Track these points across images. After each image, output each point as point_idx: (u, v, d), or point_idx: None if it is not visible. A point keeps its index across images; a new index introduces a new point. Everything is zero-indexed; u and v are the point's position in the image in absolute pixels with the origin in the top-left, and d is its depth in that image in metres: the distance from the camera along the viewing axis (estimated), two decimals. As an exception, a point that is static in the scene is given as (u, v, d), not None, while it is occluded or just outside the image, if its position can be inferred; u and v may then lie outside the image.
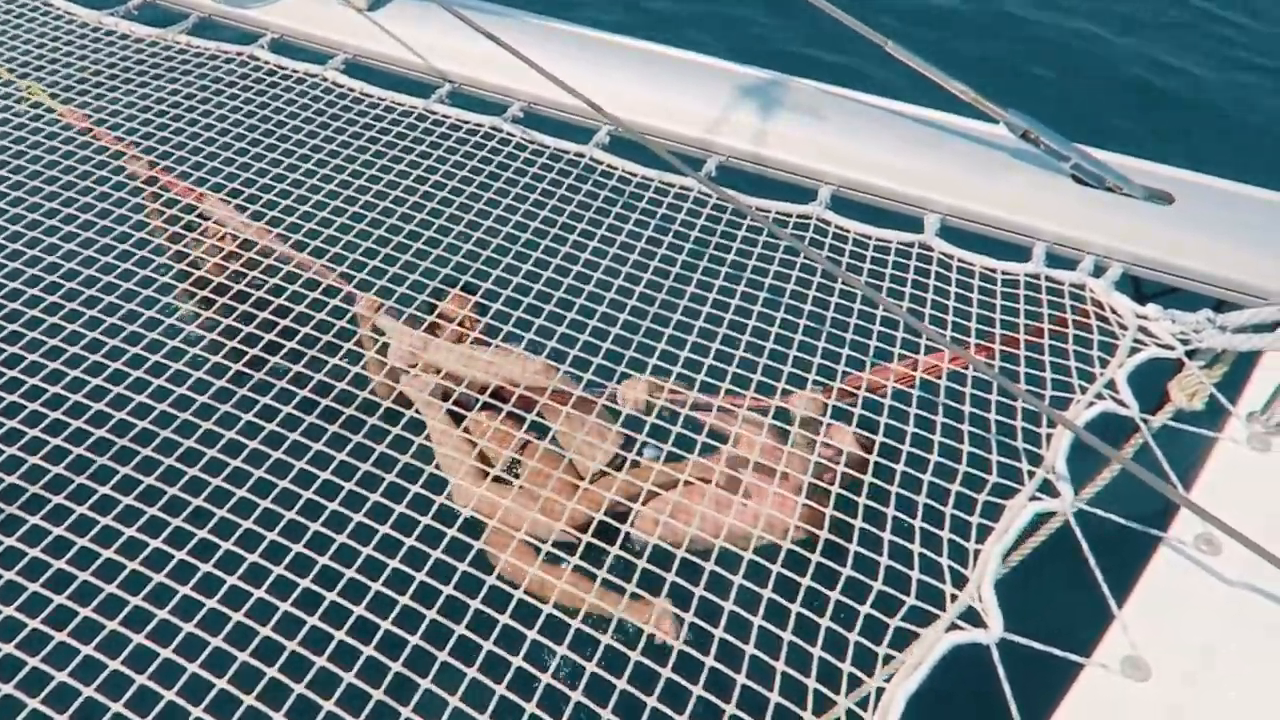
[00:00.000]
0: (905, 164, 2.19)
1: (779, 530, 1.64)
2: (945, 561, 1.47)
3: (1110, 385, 1.73)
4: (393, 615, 1.40)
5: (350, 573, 1.46)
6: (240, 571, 1.46)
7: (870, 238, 2.12)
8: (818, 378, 1.84)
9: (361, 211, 2.15)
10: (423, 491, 1.60)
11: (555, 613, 1.45)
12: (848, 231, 2.13)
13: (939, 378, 1.81)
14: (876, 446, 1.70)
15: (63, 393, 1.73)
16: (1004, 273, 2.02)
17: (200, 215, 2.35)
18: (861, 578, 1.47)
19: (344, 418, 1.75)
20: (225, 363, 1.83)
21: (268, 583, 1.44)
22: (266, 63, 2.60)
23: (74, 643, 1.36)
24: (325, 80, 2.55)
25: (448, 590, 1.45)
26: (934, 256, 2.07)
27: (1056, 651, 1.34)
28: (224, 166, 2.23)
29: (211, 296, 2.03)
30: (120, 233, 2.06)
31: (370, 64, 2.65)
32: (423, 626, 1.40)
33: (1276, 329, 1.87)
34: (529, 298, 1.98)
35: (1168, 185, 2.09)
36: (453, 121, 2.43)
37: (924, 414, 1.72)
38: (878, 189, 2.20)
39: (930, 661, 1.33)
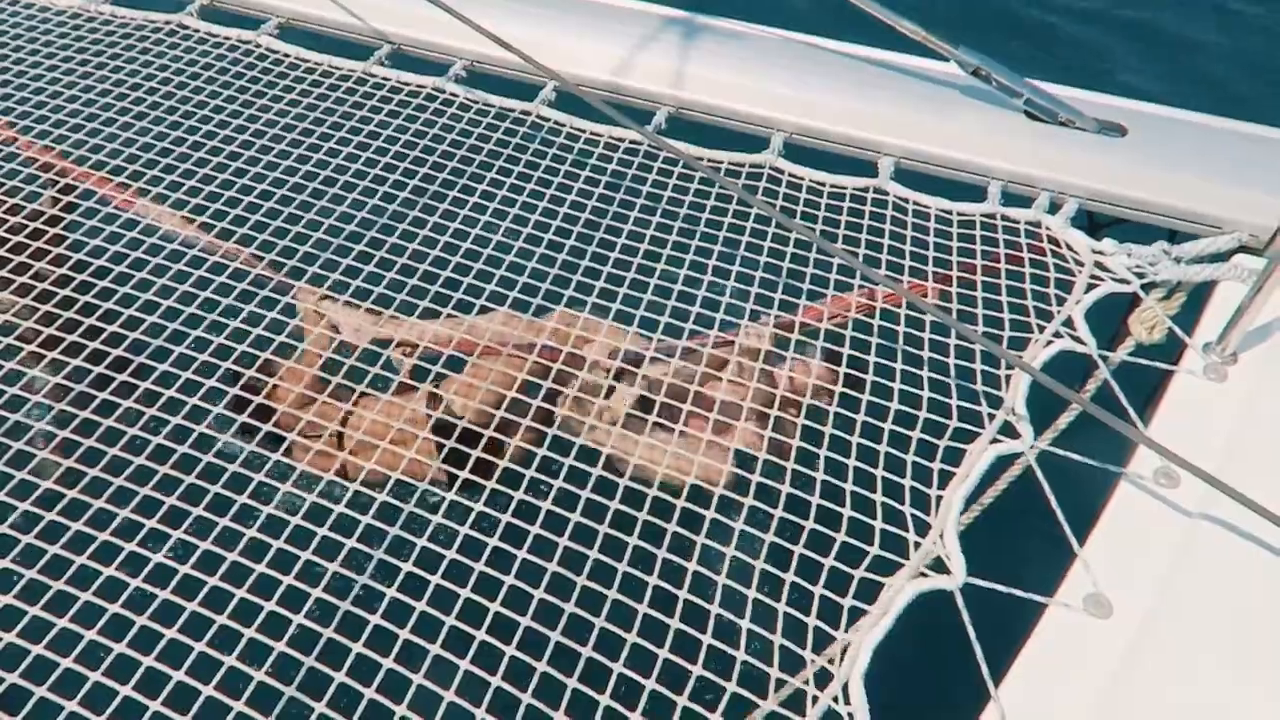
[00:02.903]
0: (856, 107, 2.15)
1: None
2: (907, 509, 1.46)
3: (1068, 323, 1.73)
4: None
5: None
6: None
7: (824, 184, 2.09)
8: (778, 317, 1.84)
9: (302, 182, 2.08)
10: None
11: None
12: (801, 179, 2.10)
13: (897, 309, 1.80)
14: (841, 376, 1.71)
15: None
16: (960, 214, 2.00)
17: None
18: (824, 530, 1.47)
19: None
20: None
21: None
22: (196, 30, 2.51)
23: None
24: (259, 46, 2.46)
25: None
26: (889, 200, 2.04)
27: (1020, 593, 1.35)
28: (155, 142, 2.15)
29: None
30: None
31: (305, 27, 2.56)
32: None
33: (1231, 259, 1.87)
34: (479, 262, 1.94)
35: (1120, 117, 2.07)
36: (393, 84, 2.36)
37: (883, 361, 1.71)
38: (830, 134, 2.17)
39: (895, 611, 1.33)
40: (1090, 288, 1.79)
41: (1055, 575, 1.39)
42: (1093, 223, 2.05)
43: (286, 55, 2.44)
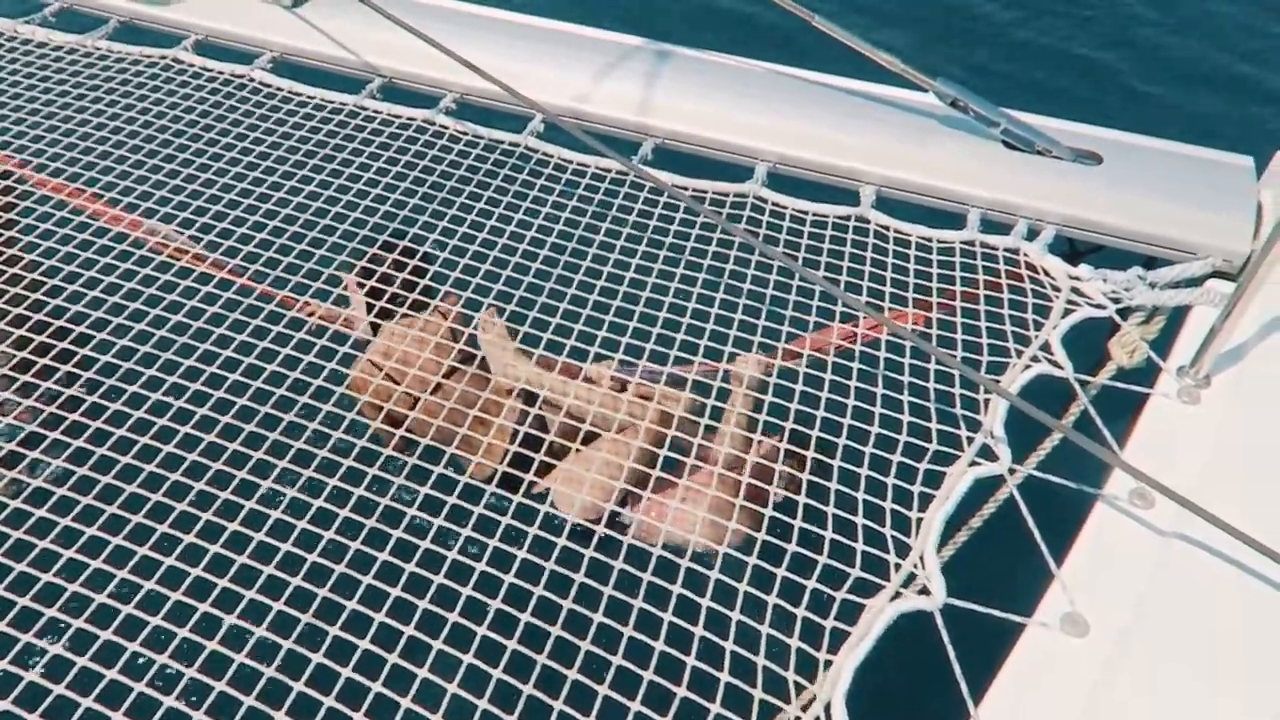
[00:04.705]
0: (838, 137, 2.20)
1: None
2: (888, 531, 1.48)
3: (1045, 347, 1.76)
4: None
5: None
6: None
7: (807, 213, 2.13)
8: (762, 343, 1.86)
9: (294, 214, 2.12)
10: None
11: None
12: (784, 208, 2.14)
13: (879, 335, 1.83)
14: (809, 464, 1.66)
15: None
16: (940, 241, 2.04)
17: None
18: (806, 552, 1.49)
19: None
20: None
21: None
22: (191, 65, 2.55)
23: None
24: (252, 80, 2.50)
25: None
26: (870, 228, 2.08)
27: (998, 613, 1.37)
28: (150, 174, 2.18)
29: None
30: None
31: (298, 62, 2.60)
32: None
33: (1204, 284, 1.91)
34: (468, 291, 1.97)
35: (1095, 145, 2.12)
36: (384, 116, 2.40)
37: (864, 386, 1.73)
38: (812, 163, 2.21)
39: (876, 632, 1.35)
40: (1067, 313, 1.82)
41: (1033, 595, 1.41)
42: (1072, 249, 2.10)
43: (280, 89, 2.48)
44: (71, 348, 1.81)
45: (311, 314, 2.01)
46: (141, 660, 1.35)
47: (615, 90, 2.35)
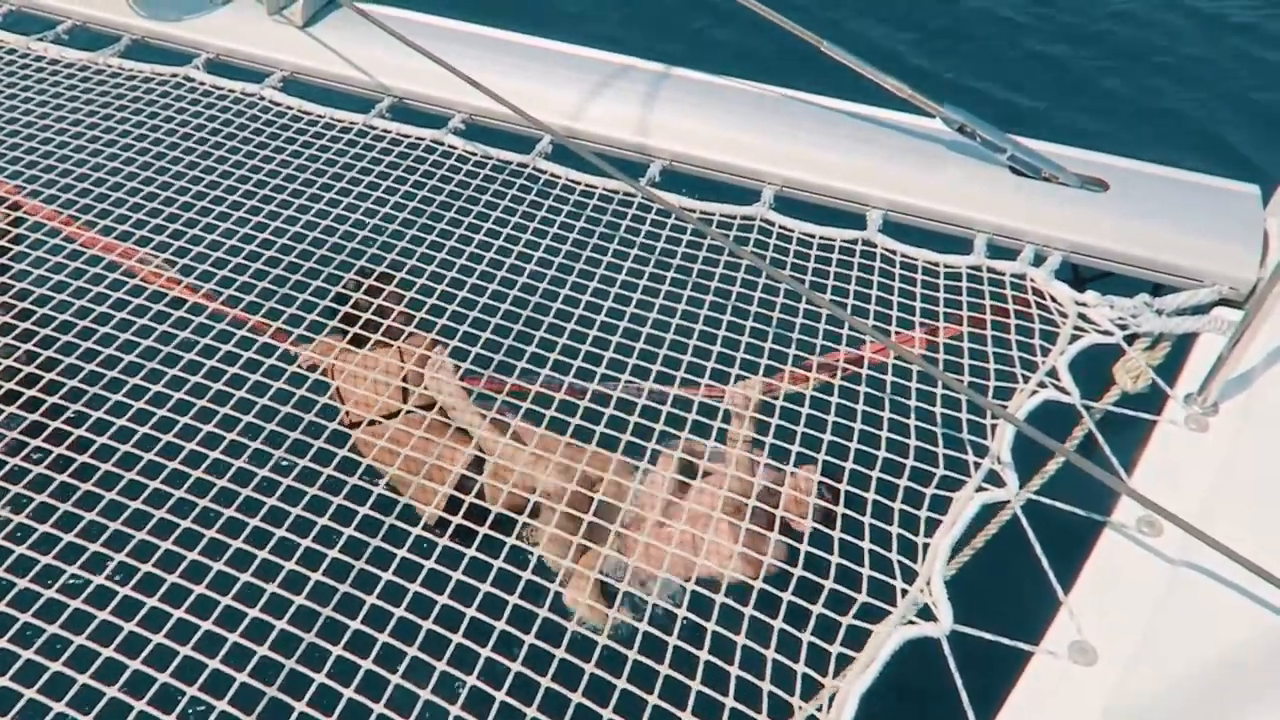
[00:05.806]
0: (845, 161, 2.21)
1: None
2: (895, 557, 1.48)
3: (1052, 373, 1.76)
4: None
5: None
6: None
7: (814, 236, 2.13)
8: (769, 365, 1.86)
9: (303, 231, 2.13)
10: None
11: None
12: (791, 231, 2.15)
13: (885, 359, 1.83)
14: (842, 496, 1.63)
15: None
16: (946, 266, 2.04)
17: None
18: (813, 577, 1.48)
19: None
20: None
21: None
22: (202, 83, 2.57)
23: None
24: (263, 99, 2.52)
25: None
26: (877, 253, 2.08)
27: (1006, 641, 1.36)
28: (160, 191, 2.20)
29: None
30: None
31: (308, 81, 2.62)
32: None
33: (1211, 311, 1.91)
34: (475, 310, 1.97)
35: (1102, 172, 2.12)
36: (394, 136, 2.41)
37: (870, 410, 1.73)
38: (819, 187, 2.22)
39: (882, 658, 1.34)
40: (1074, 339, 1.82)
41: (1040, 622, 1.40)
42: (1077, 276, 2.10)
43: (290, 108, 2.49)
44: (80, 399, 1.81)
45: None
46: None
47: (623, 112, 2.37)
